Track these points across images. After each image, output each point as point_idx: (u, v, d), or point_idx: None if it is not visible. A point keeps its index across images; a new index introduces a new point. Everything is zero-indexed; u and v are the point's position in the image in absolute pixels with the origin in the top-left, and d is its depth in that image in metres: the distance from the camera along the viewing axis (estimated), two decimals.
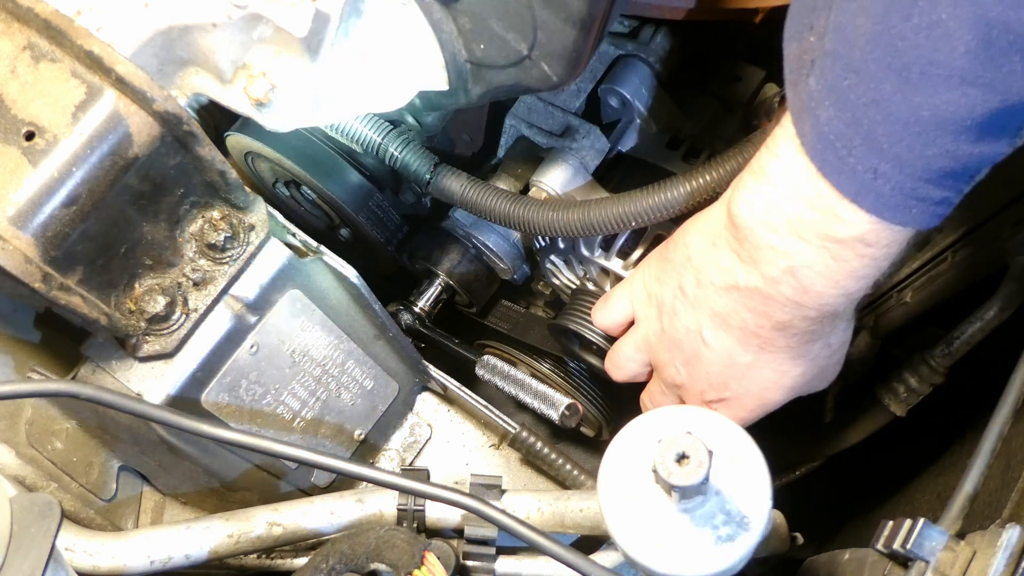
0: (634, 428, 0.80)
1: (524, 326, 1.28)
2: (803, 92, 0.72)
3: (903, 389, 1.08)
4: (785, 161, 0.75)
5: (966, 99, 0.65)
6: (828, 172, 0.72)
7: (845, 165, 0.71)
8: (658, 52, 1.13)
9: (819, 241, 0.76)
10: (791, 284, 0.80)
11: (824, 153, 0.72)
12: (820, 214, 0.74)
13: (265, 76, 0.82)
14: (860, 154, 0.70)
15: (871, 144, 0.69)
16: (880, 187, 0.70)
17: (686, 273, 0.88)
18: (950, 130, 0.67)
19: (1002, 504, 0.81)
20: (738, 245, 0.82)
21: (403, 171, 1.08)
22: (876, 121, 0.68)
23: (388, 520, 1.05)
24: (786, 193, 0.75)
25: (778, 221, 0.77)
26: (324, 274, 1.01)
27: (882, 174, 0.70)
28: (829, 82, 0.70)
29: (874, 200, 0.71)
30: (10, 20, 0.81)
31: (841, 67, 0.69)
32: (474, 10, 0.85)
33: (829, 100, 0.70)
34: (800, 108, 0.73)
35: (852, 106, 0.69)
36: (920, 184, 0.70)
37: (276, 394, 1.03)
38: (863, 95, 0.68)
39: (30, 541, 0.66)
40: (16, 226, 0.79)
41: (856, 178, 0.71)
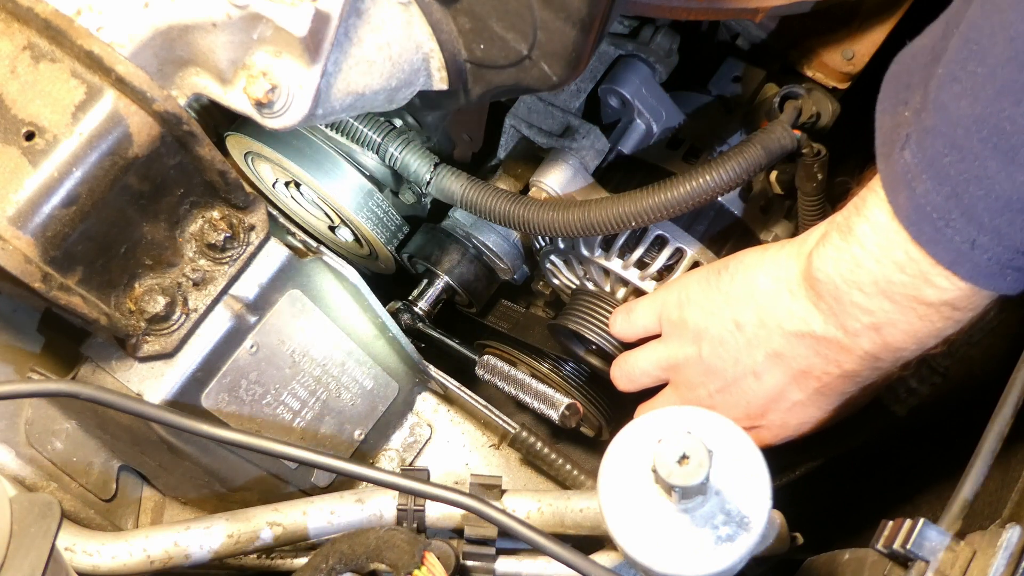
0: (634, 428, 0.80)
1: (524, 326, 1.28)
2: (897, 164, 0.75)
3: (903, 389, 1.08)
4: (876, 225, 0.78)
5: None
6: (924, 242, 0.74)
7: (942, 236, 0.73)
8: (658, 52, 1.13)
9: (907, 303, 0.78)
10: (872, 339, 0.82)
11: (920, 224, 0.74)
12: (911, 278, 0.77)
13: (265, 76, 0.82)
14: (958, 226, 0.72)
15: (970, 217, 0.71)
16: (977, 257, 0.73)
17: (746, 310, 0.91)
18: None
19: (1002, 504, 0.81)
20: (816, 298, 0.84)
21: (403, 171, 1.08)
22: (977, 197, 0.70)
23: (388, 520, 1.05)
24: (875, 255, 0.78)
25: (865, 281, 0.80)
26: (324, 274, 1.01)
27: (980, 245, 0.72)
28: (928, 157, 0.72)
29: (970, 269, 0.74)
30: (10, 20, 0.81)
31: (942, 144, 0.71)
32: (474, 10, 0.85)
33: (928, 174, 0.72)
34: (894, 179, 0.75)
35: (952, 181, 0.71)
36: (1017, 256, 0.72)
37: (276, 394, 1.03)
38: (965, 171, 0.70)
39: (30, 541, 0.66)
40: (16, 226, 0.79)
41: (953, 248, 0.73)
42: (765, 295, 0.89)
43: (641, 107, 1.12)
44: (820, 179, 1.02)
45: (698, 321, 0.95)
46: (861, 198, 0.80)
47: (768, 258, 0.91)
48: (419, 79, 0.91)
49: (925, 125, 0.73)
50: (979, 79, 0.68)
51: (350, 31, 0.84)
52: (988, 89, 0.68)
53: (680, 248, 1.08)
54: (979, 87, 0.69)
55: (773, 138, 0.97)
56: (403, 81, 0.89)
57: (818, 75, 1.12)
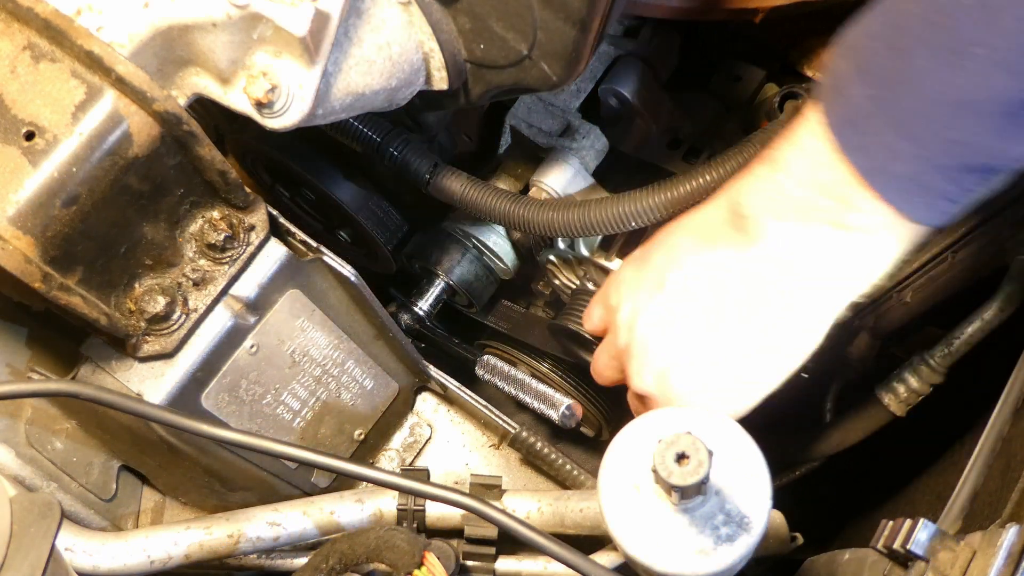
0: (634, 428, 0.80)
1: (524, 326, 1.28)
2: (835, 71, 0.73)
3: (903, 389, 1.08)
4: (802, 147, 0.76)
5: (997, 85, 0.65)
6: (847, 148, 0.72)
7: (864, 141, 0.71)
8: (658, 52, 1.13)
9: (827, 229, 0.76)
10: (788, 270, 0.80)
11: (845, 129, 0.72)
12: (833, 201, 0.75)
13: (265, 76, 0.82)
14: (881, 130, 0.70)
15: (893, 120, 0.69)
16: (894, 168, 0.71)
17: (671, 272, 0.87)
18: (974, 114, 0.66)
19: (1002, 504, 0.81)
20: (739, 235, 0.82)
21: (403, 171, 1.08)
22: (902, 97, 0.68)
23: (388, 520, 1.05)
24: (800, 179, 0.76)
25: (788, 209, 0.78)
26: (324, 274, 1.01)
27: (898, 154, 0.70)
28: (863, 58, 0.70)
29: (885, 181, 0.72)
30: (10, 20, 0.81)
31: (879, 45, 0.69)
32: (474, 10, 0.85)
33: (860, 77, 0.71)
34: (829, 89, 0.74)
35: (881, 82, 0.69)
36: (932, 172, 0.70)
37: (276, 394, 1.03)
38: (894, 70, 0.68)
39: (30, 541, 0.66)
40: (16, 226, 0.79)
41: (873, 155, 0.71)
42: (687, 251, 0.86)
43: (641, 107, 1.12)
44: None
45: (631, 299, 0.92)
46: (791, 127, 0.78)
47: (691, 217, 0.88)
48: (419, 79, 0.91)
49: (869, 30, 0.71)
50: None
51: (350, 31, 0.84)
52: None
53: None
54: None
55: (773, 138, 0.97)
56: (403, 81, 0.89)
57: (818, 75, 1.12)
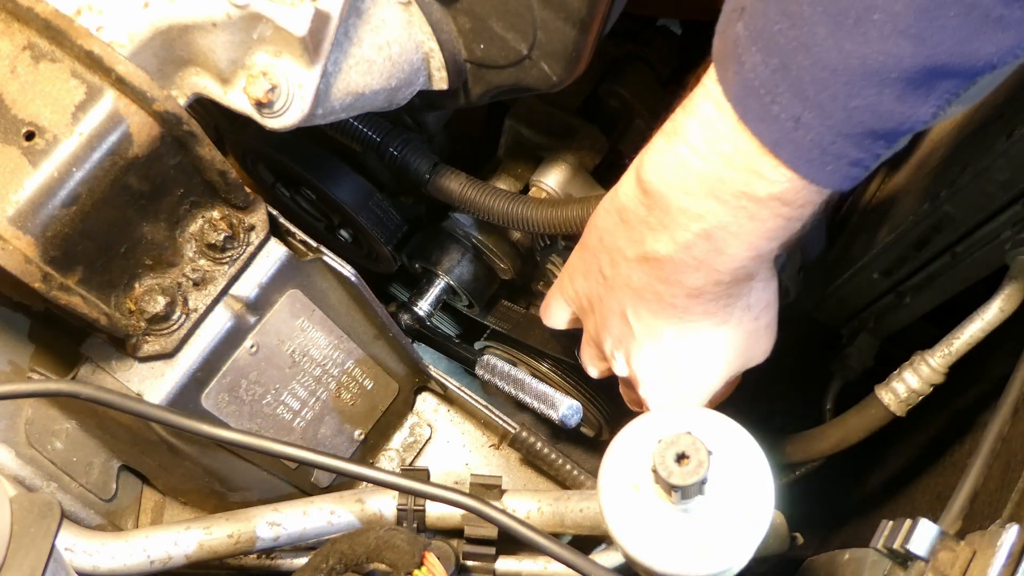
0: (634, 428, 0.80)
1: (524, 326, 1.28)
2: (730, 39, 0.70)
3: (903, 389, 1.08)
4: (703, 118, 0.73)
5: (896, 50, 0.64)
6: (749, 119, 0.70)
7: (768, 112, 0.69)
8: (658, 52, 1.13)
9: (735, 200, 0.74)
10: (704, 247, 0.77)
11: (747, 100, 0.70)
12: (738, 172, 0.72)
13: (265, 76, 0.82)
14: (784, 100, 0.68)
15: (796, 91, 0.67)
16: (800, 138, 0.69)
17: (602, 255, 0.86)
18: (875, 81, 0.65)
19: (1002, 504, 0.81)
20: (647, 213, 0.79)
21: (403, 171, 1.08)
22: (804, 67, 0.66)
23: (388, 520, 1.05)
24: (702, 152, 0.74)
25: (692, 182, 0.75)
26: (324, 274, 1.01)
27: (804, 123, 0.68)
28: (759, 27, 0.68)
29: (792, 151, 0.69)
30: (10, 20, 0.81)
31: (773, 10, 0.67)
32: (474, 10, 0.85)
33: (757, 45, 0.68)
34: (725, 56, 0.71)
35: (781, 51, 0.67)
36: (839, 139, 0.68)
37: (276, 394, 1.03)
38: (793, 39, 0.66)
39: (30, 541, 0.66)
40: (16, 226, 0.79)
41: (777, 126, 0.69)
42: (607, 231, 0.84)
43: (641, 107, 1.12)
44: None
45: (582, 289, 0.91)
46: (688, 96, 0.75)
47: (609, 194, 0.85)
48: (419, 79, 0.91)
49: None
50: None
51: (350, 31, 0.84)
52: None
53: None
54: None
55: None
56: (403, 81, 0.89)
57: None
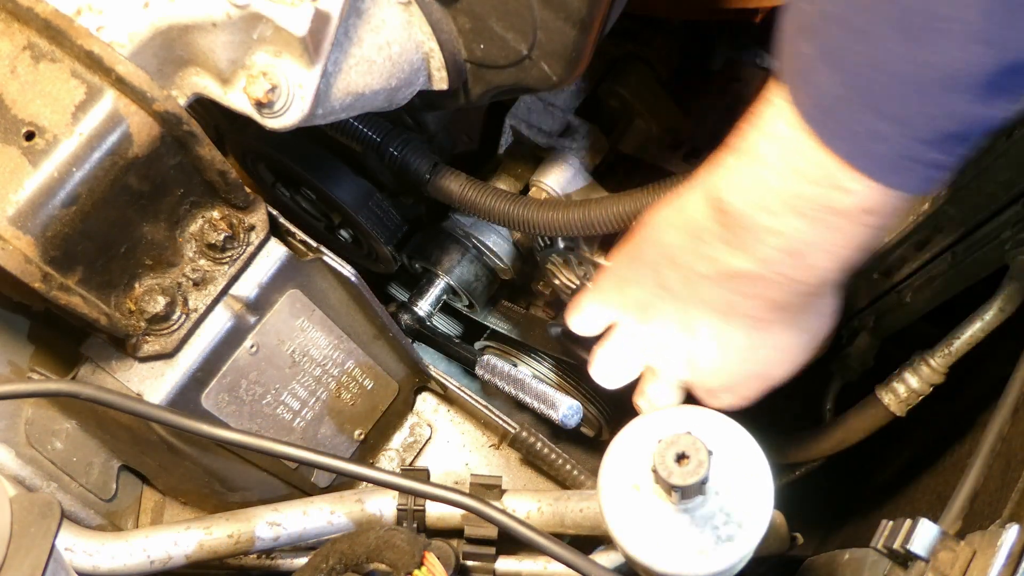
0: (634, 428, 0.80)
1: (524, 326, 1.28)
2: (796, 59, 0.71)
3: (903, 389, 1.08)
4: (777, 137, 0.74)
5: (971, 56, 0.64)
6: (827, 137, 0.71)
7: (844, 128, 0.70)
8: (658, 52, 1.13)
9: (817, 214, 0.74)
10: (789, 263, 0.78)
11: (822, 118, 0.71)
12: (819, 187, 0.73)
13: (265, 76, 0.82)
14: (860, 115, 0.69)
15: (872, 105, 0.68)
16: (879, 149, 0.69)
17: (665, 270, 0.87)
18: (951, 88, 0.66)
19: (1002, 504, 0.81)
20: (724, 230, 0.80)
21: (403, 171, 1.08)
22: (878, 81, 0.67)
23: (388, 520, 1.05)
24: (780, 170, 0.74)
25: (771, 200, 0.75)
26: (324, 274, 1.01)
27: (882, 135, 0.69)
28: (827, 46, 0.69)
29: (873, 163, 0.70)
30: (10, 20, 0.81)
31: (840, 29, 0.68)
32: (474, 10, 0.85)
33: (826, 64, 0.69)
34: (795, 76, 0.72)
35: (852, 67, 0.68)
36: (918, 146, 0.69)
37: (276, 394, 1.03)
38: (864, 56, 0.67)
39: (30, 541, 0.66)
40: (16, 226, 0.79)
41: (855, 140, 0.70)
42: (677, 247, 0.85)
43: (641, 107, 1.12)
44: None
45: (636, 296, 0.92)
46: (756, 114, 0.76)
47: (671, 210, 0.86)
48: (419, 79, 0.91)
49: (824, 11, 0.69)
50: None
51: (350, 31, 0.84)
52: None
53: None
54: None
55: None
56: (403, 81, 0.89)
57: None
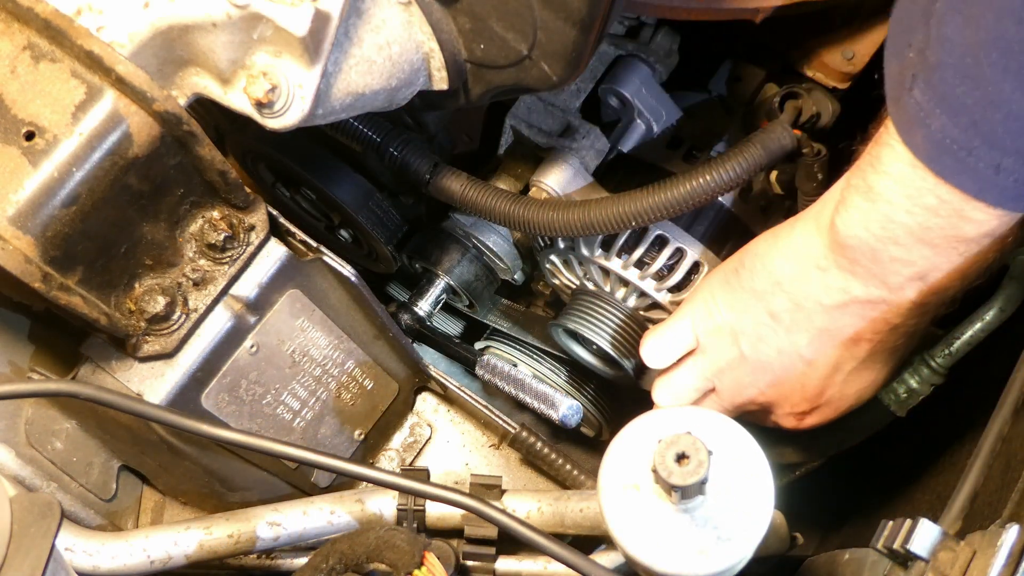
0: (634, 428, 0.80)
1: (524, 326, 1.28)
2: (909, 106, 0.76)
3: (903, 389, 1.08)
4: (898, 177, 0.79)
5: None
6: (949, 176, 0.76)
7: (965, 166, 0.74)
8: (658, 52, 1.13)
9: (947, 244, 0.80)
10: (918, 288, 0.84)
11: (942, 159, 0.75)
12: (946, 219, 0.78)
13: (265, 76, 0.82)
14: (981, 153, 0.73)
15: (992, 143, 0.73)
16: (1003, 181, 0.74)
17: (776, 299, 0.91)
18: None
19: (1002, 504, 0.81)
20: (851, 264, 0.85)
21: (403, 171, 1.08)
22: (996, 121, 0.72)
23: (388, 520, 1.05)
24: (905, 207, 0.79)
25: (901, 235, 0.81)
26: (324, 274, 1.01)
27: (1004, 169, 0.73)
28: (940, 92, 0.73)
29: (998, 194, 0.75)
30: (10, 20, 0.81)
31: (952, 75, 0.72)
32: (474, 10, 0.85)
33: (941, 108, 0.74)
34: (907, 121, 0.77)
35: (969, 111, 0.72)
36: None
37: (276, 394, 1.03)
38: (980, 99, 0.72)
39: (30, 541, 0.66)
40: (16, 226, 0.79)
41: (978, 176, 0.74)
42: (792, 279, 0.90)
43: (641, 107, 1.12)
44: (820, 179, 1.02)
45: (733, 323, 0.96)
46: (873, 156, 0.81)
47: (782, 242, 0.92)
48: (419, 79, 0.91)
49: (930, 62, 0.73)
50: (978, 6, 0.70)
51: (350, 31, 0.84)
52: (988, 15, 0.69)
53: (680, 248, 1.08)
54: (980, 14, 0.70)
55: (773, 138, 0.97)
56: (403, 81, 0.89)
57: (818, 75, 1.12)
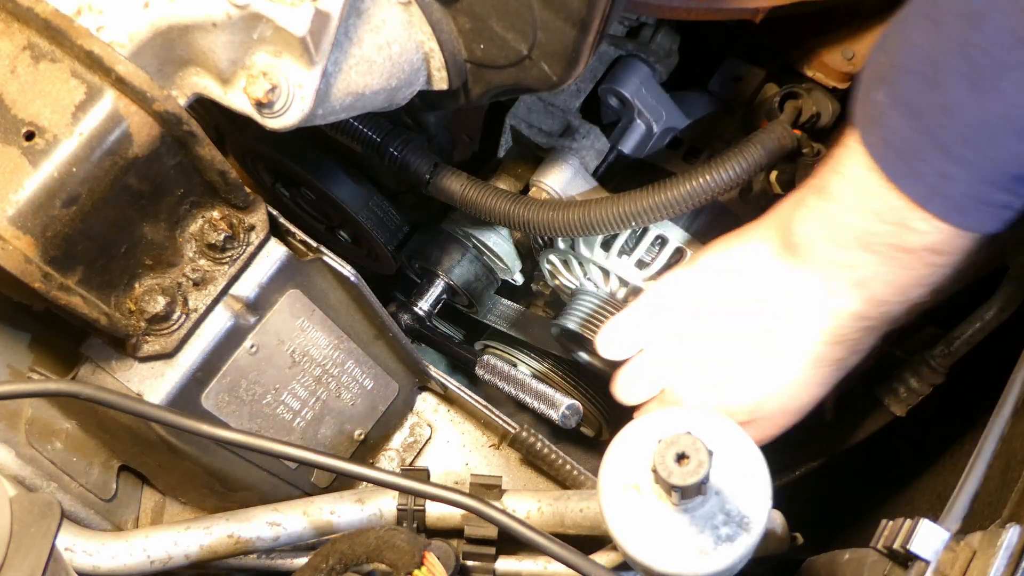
0: (634, 428, 0.80)
1: (524, 326, 1.28)
2: (871, 106, 0.76)
3: (903, 389, 1.08)
4: (851, 178, 0.78)
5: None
6: (898, 179, 0.75)
7: (914, 170, 0.74)
8: (658, 52, 1.13)
9: (888, 252, 0.78)
10: (859, 296, 0.83)
11: (894, 161, 0.75)
12: (890, 226, 0.77)
13: (265, 76, 0.82)
14: (930, 159, 0.72)
15: (941, 149, 0.72)
16: (949, 191, 0.73)
17: (728, 305, 0.90)
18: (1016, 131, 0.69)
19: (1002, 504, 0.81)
20: (798, 264, 0.84)
21: (403, 171, 1.08)
22: (946, 126, 0.71)
23: (388, 520, 1.05)
24: (853, 209, 0.78)
25: (845, 237, 0.80)
26: (324, 274, 1.01)
27: (951, 177, 0.72)
28: (900, 94, 0.73)
29: (942, 204, 0.74)
30: (10, 20, 0.81)
31: (913, 80, 0.72)
32: (474, 10, 0.85)
33: (898, 110, 0.73)
34: (868, 121, 0.76)
35: (923, 114, 0.72)
36: (986, 187, 0.72)
37: (276, 394, 1.03)
38: (935, 103, 0.71)
39: (30, 541, 0.66)
40: (16, 226, 0.79)
41: (925, 182, 0.74)
42: (743, 283, 0.89)
43: (641, 107, 1.12)
44: None
45: (687, 324, 0.95)
46: (835, 157, 0.81)
47: (741, 245, 0.91)
48: (419, 79, 0.91)
49: (895, 63, 0.73)
50: (942, 11, 0.70)
51: (350, 31, 0.84)
52: (950, 20, 0.69)
53: (680, 248, 1.08)
54: (942, 19, 0.70)
55: (773, 138, 0.97)
56: (403, 81, 0.89)
57: (818, 75, 1.12)
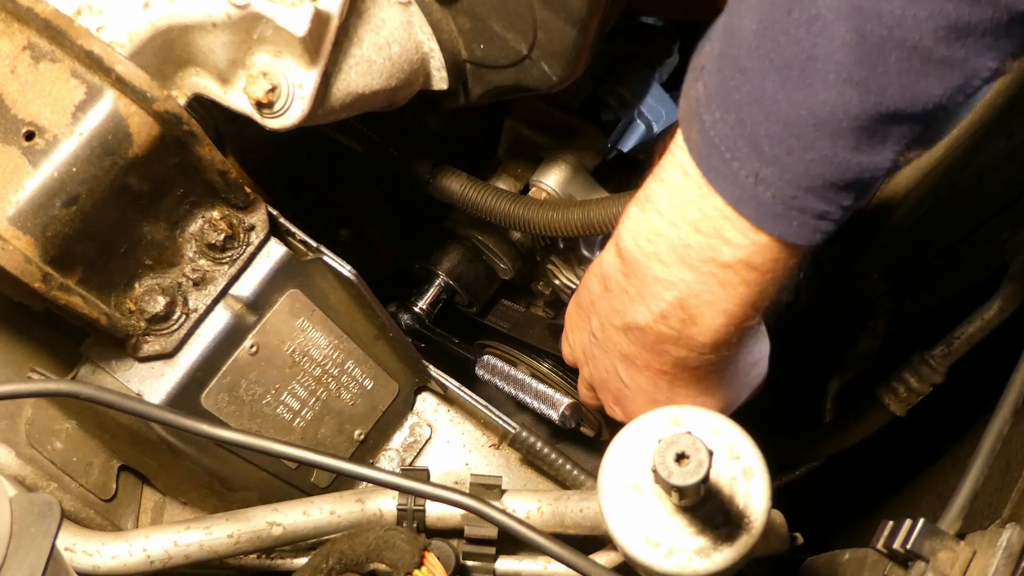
0: (634, 428, 0.80)
1: (524, 326, 1.28)
2: (692, 99, 0.70)
3: (903, 389, 1.08)
4: (671, 184, 0.73)
5: (842, 99, 0.62)
6: (713, 177, 0.69)
7: (729, 169, 0.68)
8: (658, 52, 1.13)
9: (704, 267, 0.73)
10: (679, 316, 0.77)
11: (710, 158, 0.69)
12: (706, 237, 0.72)
13: (265, 76, 0.82)
14: (743, 156, 0.67)
15: (753, 146, 0.66)
16: (761, 194, 0.67)
17: (592, 318, 0.86)
18: (827, 132, 0.64)
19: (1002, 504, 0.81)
20: (627, 281, 0.79)
21: (403, 171, 1.08)
22: (758, 121, 0.65)
23: (388, 520, 1.05)
24: (671, 218, 0.73)
25: (664, 250, 0.74)
26: (324, 274, 1.01)
27: (763, 179, 0.67)
28: (716, 84, 0.67)
29: (755, 208, 0.68)
30: (10, 20, 0.81)
31: (728, 67, 0.66)
32: (474, 10, 0.85)
33: (715, 102, 0.67)
34: (688, 115, 0.70)
35: (737, 106, 0.66)
36: (800, 193, 0.67)
37: (276, 394, 1.03)
38: (747, 94, 0.65)
39: (30, 541, 0.66)
40: (16, 226, 0.79)
41: (738, 183, 0.68)
42: (596, 296, 0.85)
43: (641, 107, 1.12)
44: None
45: (577, 340, 0.93)
46: (659, 165, 0.75)
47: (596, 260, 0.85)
48: (419, 79, 0.91)
49: (715, 51, 0.67)
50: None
51: (350, 31, 0.84)
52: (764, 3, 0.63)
53: None
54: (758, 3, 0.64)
55: None
56: (403, 81, 0.89)
57: None
